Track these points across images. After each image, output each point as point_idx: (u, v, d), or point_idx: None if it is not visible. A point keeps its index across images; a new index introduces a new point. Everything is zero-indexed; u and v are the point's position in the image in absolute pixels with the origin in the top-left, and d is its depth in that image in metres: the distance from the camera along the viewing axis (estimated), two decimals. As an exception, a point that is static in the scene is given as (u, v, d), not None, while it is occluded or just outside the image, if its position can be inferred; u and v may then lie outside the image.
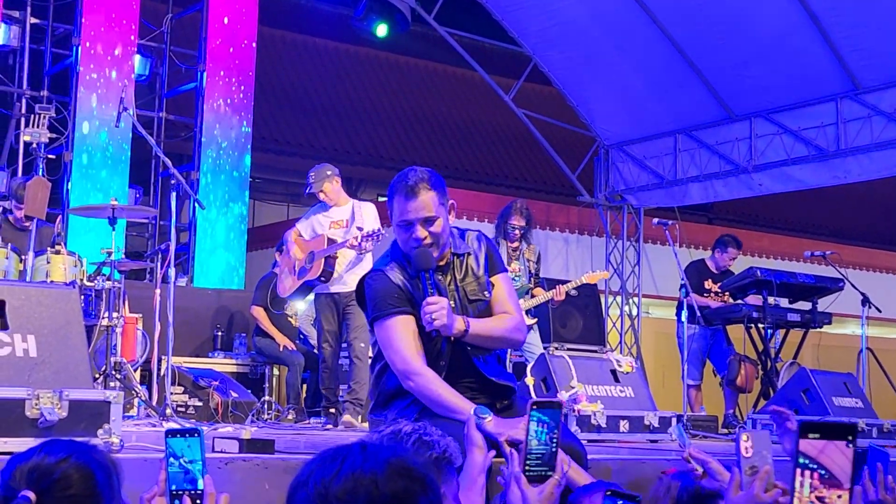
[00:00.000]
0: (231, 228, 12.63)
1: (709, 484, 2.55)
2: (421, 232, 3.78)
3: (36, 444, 2.18)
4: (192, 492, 2.23)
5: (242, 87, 12.92)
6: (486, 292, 3.96)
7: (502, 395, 3.97)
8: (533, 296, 8.60)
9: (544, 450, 2.53)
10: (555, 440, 2.54)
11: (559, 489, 2.54)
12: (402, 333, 3.79)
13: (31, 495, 2.00)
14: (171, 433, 2.28)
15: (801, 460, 1.86)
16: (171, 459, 2.26)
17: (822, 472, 1.83)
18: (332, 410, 7.85)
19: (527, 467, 2.52)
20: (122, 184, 11.79)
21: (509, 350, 7.08)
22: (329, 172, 7.83)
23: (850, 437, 1.86)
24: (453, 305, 3.87)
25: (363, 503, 1.66)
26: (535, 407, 2.56)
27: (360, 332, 7.56)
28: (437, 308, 3.68)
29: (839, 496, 1.83)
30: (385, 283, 3.85)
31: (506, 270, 4.15)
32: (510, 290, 4.09)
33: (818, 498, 1.83)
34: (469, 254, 3.98)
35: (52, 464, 2.06)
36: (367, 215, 7.73)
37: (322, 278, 7.62)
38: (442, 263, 3.94)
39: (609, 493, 2.47)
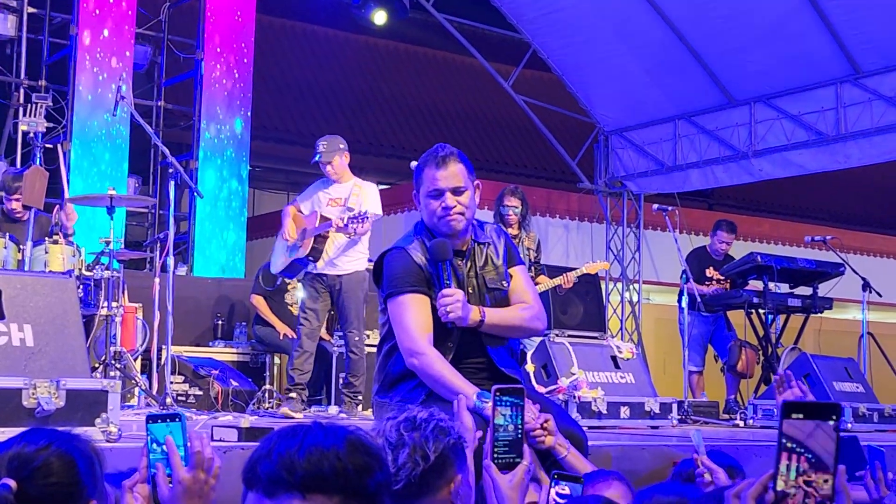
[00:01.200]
0: (230, 217, 12.61)
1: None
2: (451, 199, 3.83)
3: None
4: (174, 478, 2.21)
5: (241, 76, 12.89)
6: (504, 282, 4.00)
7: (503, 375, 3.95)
8: (536, 283, 8.56)
9: (511, 436, 2.54)
10: (520, 426, 2.54)
11: (528, 474, 2.55)
12: (413, 312, 3.80)
13: (12, 483, 1.98)
14: (151, 418, 2.25)
15: (786, 444, 1.81)
16: (153, 445, 2.23)
17: (809, 455, 1.79)
18: (293, 395, 7.48)
19: (495, 455, 2.52)
20: (120, 173, 11.77)
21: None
22: (342, 146, 7.53)
23: (834, 417, 1.81)
24: (471, 292, 3.91)
25: (328, 474, 1.68)
26: (498, 393, 2.56)
27: (356, 325, 7.48)
28: (452, 301, 3.70)
29: (825, 480, 1.79)
30: (405, 261, 3.86)
31: (523, 263, 4.20)
32: (528, 281, 4.13)
33: (805, 482, 1.79)
34: (489, 244, 4.02)
35: (33, 452, 2.04)
36: (368, 196, 7.46)
37: (311, 258, 7.37)
38: (464, 248, 3.97)
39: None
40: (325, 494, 1.68)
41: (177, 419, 2.23)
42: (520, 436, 2.54)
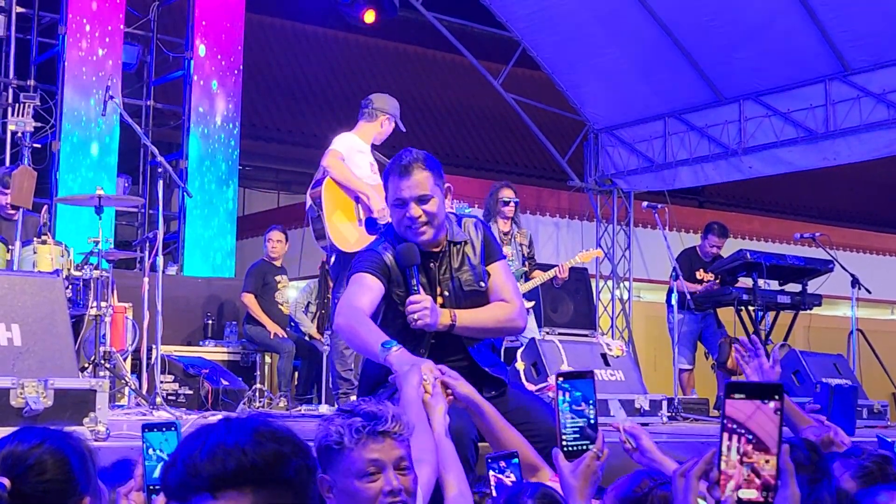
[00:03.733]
0: (220, 216, 12.59)
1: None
2: (415, 210, 3.76)
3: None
4: None
5: (231, 75, 12.87)
6: (481, 282, 3.92)
7: (492, 386, 3.92)
8: (530, 279, 8.55)
9: (579, 423, 2.46)
10: (590, 412, 2.46)
11: (600, 462, 2.48)
12: (362, 286, 3.74)
13: (6, 481, 1.99)
14: (147, 427, 2.26)
15: (728, 424, 1.83)
16: (149, 453, 2.24)
17: (750, 436, 1.82)
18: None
19: (563, 443, 2.45)
20: (110, 173, 11.74)
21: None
22: (396, 111, 7.09)
23: (776, 397, 1.83)
24: (447, 295, 3.86)
25: (232, 472, 1.66)
26: (562, 379, 2.49)
27: None
28: (420, 308, 3.62)
29: (767, 461, 1.81)
30: (373, 255, 3.84)
31: (503, 257, 4.09)
32: (507, 277, 4.03)
33: (746, 462, 1.82)
34: (466, 242, 3.94)
35: (26, 450, 2.05)
36: None
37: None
38: (437, 250, 3.90)
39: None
40: (236, 490, 1.66)
41: (172, 428, 2.24)
42: (591, 422, 2.47)
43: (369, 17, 11.41)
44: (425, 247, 3.85)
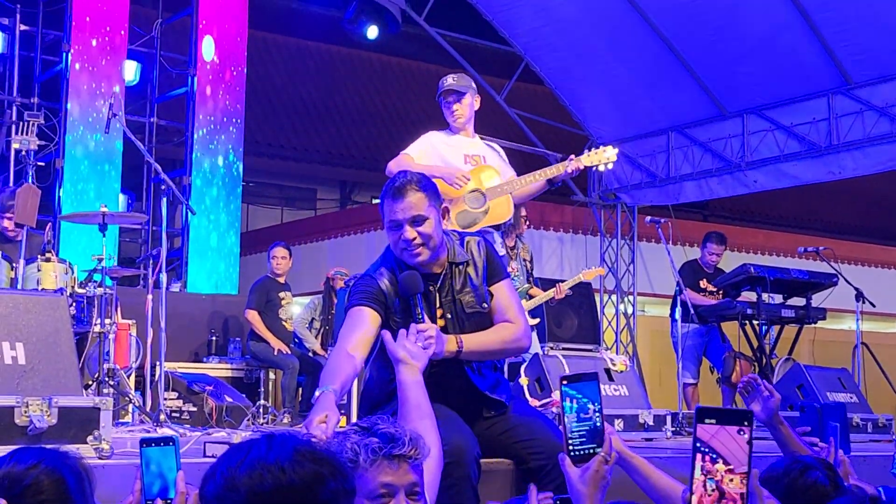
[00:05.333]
0: (223, 233, 12.61)
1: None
2: (410, 232, 3.70)
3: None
4: (167, 501, 2.21)
5: (234, 92, 12.90)
6: (484, 304, 3.85)
7: (492, 406, 3.91)
8: (531, 297, 8.55)
9: (585, 426, 2.43)
10: (596, 415, 2.43)
11: (609, 466, 2.44)
12: (356, 320, 3.70)
13: (3, 502, 1.99)
14: (145, 442, 2.25)
15: (700, 447, 1.93)
16: (148, 468, 2.23)
17: (714, 455, 1.92)
18: None
19: (570, 447, 2.42)
20: (113, 190, 11.76)
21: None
22: (449, 85, 6.31)
23: (745, 423, 1.93)
24: (449, 318, 3.81)
25: (270, 490, 1.67)
26: (565, 382, 2.45)
27: None
28: (426, 338, 3.46)
29: (731, 479, 1.91)
30: (369, 283, 3.80)
31: (507, 276, 4.01)
32: (511, 296, 3.95)
33: (713, 481, 1.91)
34: (468, 262, 3.87)
35: (23, 470, 2.06)
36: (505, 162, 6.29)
37: None
38: (438, 272, 3.84)
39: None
40: None
41: (171, 443, 2.23)
42: (598, 424, 2.42)
43: (372, 32, 11.44)
44: (425, 268, 3.80)
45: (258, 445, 1.74)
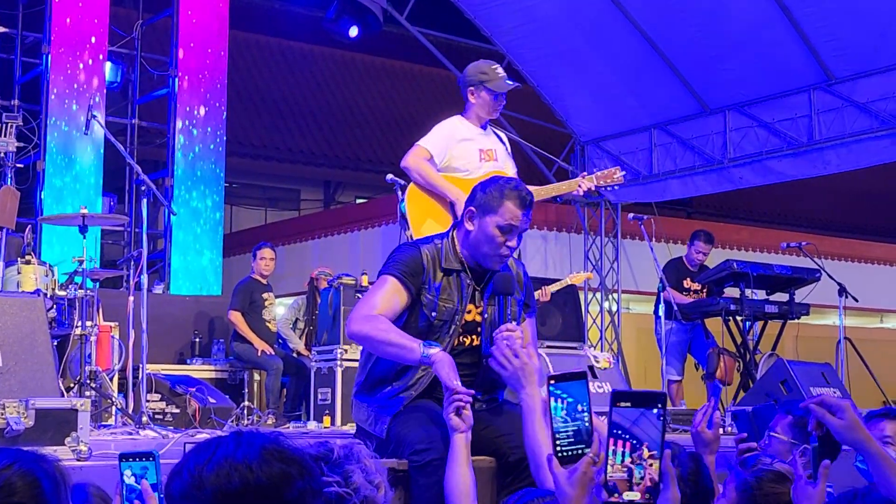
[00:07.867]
0: (206, 234, 12.56)
1: None
2: (515, 242, 3.84)
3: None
4: None
5: (216, 92, 12.85)
6: (515, 321, 3.89)
7: (491, 389, 3.99)
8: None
9: (573, 426, 2.37)
10: (585, 414, 2.36)
11: (596, 468, 2.35)
12: (388, 291, 3.79)
13: None
14: (124, 456, 2.22)
15: (615, 430, 2.01)
16: (127, 482, 2.20)
17: (634, 441, 2.00)
18: None
19: (557, 448, 2.37)
20: (94, 192, 11.71)
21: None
22: (483, 75, 6.04)
23: (658, 405, 2.00)
24: (486, 317, 3.92)
25: (237, 488, 1.65)
26: (553, 382, 2.39)
27: None
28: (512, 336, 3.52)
29: (650, 464, 1.99)
30: (413, 253, 3.88)
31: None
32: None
33: (630, 465, 2.00)
34: (509, 278, 3.92)
35: None
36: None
37: None
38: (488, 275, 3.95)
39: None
40: None
41: (150, 458, 2.20)
42: (586, 424, 2.36)
43: (353, 32, 11.42)
44: (483, 269, 3.92)
45: (226, 443, 1.72)
